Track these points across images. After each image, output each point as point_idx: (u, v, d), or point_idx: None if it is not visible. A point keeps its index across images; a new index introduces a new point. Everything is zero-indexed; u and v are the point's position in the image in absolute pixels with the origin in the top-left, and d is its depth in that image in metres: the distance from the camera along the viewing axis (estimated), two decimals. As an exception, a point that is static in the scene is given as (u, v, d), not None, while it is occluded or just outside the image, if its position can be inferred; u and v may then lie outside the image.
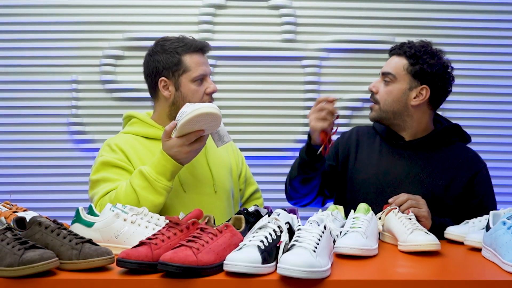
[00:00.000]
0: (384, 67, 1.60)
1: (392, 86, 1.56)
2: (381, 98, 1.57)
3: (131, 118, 1.57)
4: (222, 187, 1.56)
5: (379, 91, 1.58)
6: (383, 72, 1.59)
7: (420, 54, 1.54)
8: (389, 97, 1.56)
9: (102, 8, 2.24)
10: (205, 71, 1.51)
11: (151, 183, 1.36)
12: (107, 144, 1.52)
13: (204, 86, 1.51)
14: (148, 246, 1.01)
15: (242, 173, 1.70)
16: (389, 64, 1.59)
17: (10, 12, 2.23)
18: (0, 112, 2.24)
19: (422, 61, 1.53)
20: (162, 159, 1.36)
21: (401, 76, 1.55)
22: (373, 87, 1.59)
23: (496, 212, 1.20)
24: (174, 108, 1.51)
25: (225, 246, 1.02)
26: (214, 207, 1.52)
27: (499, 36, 2.27)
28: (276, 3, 2.26)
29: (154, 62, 1.50)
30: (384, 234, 1.32)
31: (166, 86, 1.50)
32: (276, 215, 1.09)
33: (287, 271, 0.94)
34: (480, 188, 1.56)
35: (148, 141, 1.52)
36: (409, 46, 1.56)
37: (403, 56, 1.56)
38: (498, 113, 2.29)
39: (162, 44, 1.51)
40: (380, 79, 1.60)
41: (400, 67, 1.56)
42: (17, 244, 0.98)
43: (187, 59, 1.49)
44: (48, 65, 2.23)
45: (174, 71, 1.48)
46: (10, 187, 2.19)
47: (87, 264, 0.99)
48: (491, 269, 1.08)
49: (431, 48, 1.57)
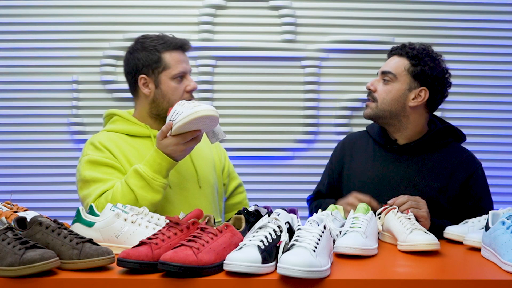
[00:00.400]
0: (383, 66, 1.60)
1: (391, 85, 1.56)
2: (379, 96, 1.57)
3: (113, 116, 1.57)
4: (207, 182, 1.57)
5: (377, 90, 1.57)
6: (383, 71, 1.58)
7: (422, 56, 1.54)
8: (388, 95, 1.55)
9: (103, 8, 2.25)
10: (185, 69, 1.51)
11: (148, 182, 1.37)
12: (91, 142, 1.50)
13: (184, 84, 1.51)
14: (148, 245, 1.01)
15: (226, 168, 1.70)
16: (390, 64, 1.58)
17: (11, 13, 2.23)
18: (1, 112, 2.25)
19: (423, 63, 1.53)
20: (157, 158, 1.37)
21: (402, 76, 1.55)
22: (371, 85, 1.59)
23: (495, 212, 1.20)
24: (154, 105, 1.51)
25: (225, 246, 1.03)
26: (199, 202, 1.52)
27: (496, 36, 2.28)
28: (276, 4, 2.26)
29: (134, 59, 1.50)
30: (384, 234, 1.33)
31: (146, 83, 1.50)
32: (276, 215, 1.09)
33: (287, 271, 0.94)
34: (476, 188, 1.55)
35: (131, 139, 1.52)
36: (411, 48, 1.56)
37: (405, 56, 1.56)
38: (493, 113, 2.29)
39: (142, 41, 1.51)
40: (379, 78, 1.59)
41: (401, 67, 1.56)
42: (18, 244, 0.98)
43: (167, 57, 1.49)
44: (49, 66, 2.24)
45: (154, 68, 1.48)
46: (10, 187, 2.20)
47: (88, 263, 1.00)
48: (490, 269, 1.08)
49: (432, 52, 1.57)
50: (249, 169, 2.28)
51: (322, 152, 2.20)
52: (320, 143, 2.29)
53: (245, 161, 2.28)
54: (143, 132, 1.52)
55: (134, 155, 1.48)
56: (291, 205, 1.45)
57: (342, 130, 2.29)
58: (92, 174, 1.43)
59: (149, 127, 1.53)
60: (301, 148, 2.30)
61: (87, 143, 1.52)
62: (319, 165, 1.80)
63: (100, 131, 1.57)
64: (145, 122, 1.53)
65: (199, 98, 2.27)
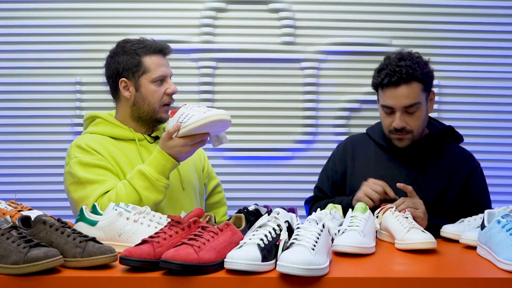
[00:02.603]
0: (400, 101, 1.47)
1: (419, 112, 1.50)
2: (414, 127, 1.50)
3: (95, 119, 1.56)
4: (189, 183, 1.58)
5: (408, 123, 1.50)
6: (406, 105, 1.47)
7: (421, 69, 1.47)
8: (421, 122, 1.51)
9: (106, 11, 2.27)
10: (165, 72, 1.52)
11: (153, 183, 1.38)
12: (77, 145, 1.48)
13: (164, 87, 1.52)
14: (150, 244, 1.02)
15: (205, 168, 1.72)
16: (406, 96, 1.47)
17: (16, 16, 2.25)
18: (6, 113, 2.26)
19: (425, 73, 1.49)
20: (162, 159, 1.38)
21: (422, 99, 1.50)
22: (401, 124, 1.48)
23: (491, 211, 1.21)
24: (135, 108, 1.52)
25: (225, 244, 1.04)
26: (183, 203, 1.54)
27: (492, 38, 2.30)
28: (276, 7, 2.28)
29: (115, 63, 1.52)
30: (382, 233, 1.34)
31: (126, 87, 1.51)
32: (276, 214, 1.10)
33: (287, 269, 0.95)
34: (475, 187, 1.57)
35: (116, 141, 1.52)
36: (408, 67, 1.46)
37: (413, 80, 1.47)
38: (489, 114, 2.31)
39: (123, 45, 1.53)
40: (401, 113, 1.49)
41: (417, 92, 1.48)
42: (22, 242, 0.99)
43: (147, 60, 1.50)
44: (53, 67, 2.25)
45: (134, 72, 1.50)
46: (15, 186, 2.21)
47: (91, 262, 1.01)
48: (486, 267, 1.09)
49: (418, 57, 1.52)
50: (249, 169, 2.30)
51: (321, 152, 2.22)
52: (319, 144, 2.31)
53: (246, 161, 2.30)
54: (127, 135, 1.53)
55: (120, 157, 1.48)
56: (290, 204, 1.47)
57: (340, 130, 2.30)
58: (87, 175, 1.42)
59: (133, 130, 1.54)
60: (300, 148, 2.32)
61: (72, 146, 1.50)
62: (318, 165, 1.81)
63: (83, 133, 1.56)
64: (128, 125, 1.54)
65: (200, 99, 2.29)
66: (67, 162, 1.49)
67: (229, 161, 2.31)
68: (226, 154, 2.30)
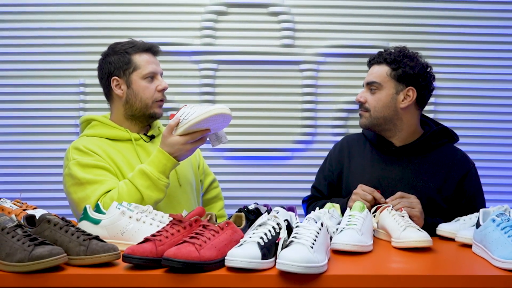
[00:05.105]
0: (367, 78, 1.61)
1: (379, 93, 1.58)
2: (370, 106, 1.58)
3: (91, 121, 1.58)
4: (186, 180, 1.60)
5: (367, 100, 1.59)
6: (368, 82, 1.60)
7: (399, 59, 1.56)
8: (379, 103, 1.57)
9: (109, 14, 2.28)
10: (155, 69, 1.55)
11: (154, 182, 1.40)
12: (75, 147, 1.50)
13: (155, 84, 1.55)
14: (152, 242, 1.03)
15: (201, 165, 1.74)
16: (372, 74, 1.60)
17: (20, 19, 2.27)
18: (11, 114, 2.28)
19: (403, 65, 1.55)
20: (162, 158, 1.40)
21: (386, 83, 1.57)
22: (360, 98, 1.60)
23: (486, 210, 1.22)
24: (128, 106, 1.55)
25: (226, 243, 1.05)
26: (180, 200, 1.56)
27: (488, 41, 2.31)
28: (275, 10, 2.30)
29: (107, 64, 1.55)
30: (379, 231, 1.35)
31: (118, 85, 1.54)
32: (275, 213, 1.11)
33: (286, 267, 0.96)
34: (469, 188, 1.58)
35: (112, 142, 1.53)
36: (387, 53, 1.59)
37: (384, 63, 1.58)
38: (485, 115, 2.32)
39: (114, 47, 1.57)
40: (366, 90, 1.61)
41: (383, 74, 1.57)
42: (27, 240, 1.00)
43: (137, 58, 1.54)
44: (57, 69, 2.27)
45: (125, 69, 1.53)
46: (20, 186, 2.23)
47: (94, 259, 1.02)
48: (481, 265, 1.10)
49: (408, 51, 1.59)
50: (250, 169, 2.31)
51: (320, 153, 2.23)
52: (318, 144, 2.32)
53: (246, 161, 2.31)
54: (123, 136, 1.54)
55: (118, 157, 1.50)
56: (290, 203, 1.49)
57: (338, 131, 2.32)
58: (86, 176, 1.43)
59: (129, 130, 1.56)
60: (299, 148, 2.34)
61: (70, 149, 1.51)
62: (317, 165, 1.83)
63: (80, 137, 1.57)
64: (123, 126, 1.56)
65: (202, 100, 2.31)
66: (65, 165, 1.50)
67: (229, 161, 2.32)
68: (226, 154, 2.32)
